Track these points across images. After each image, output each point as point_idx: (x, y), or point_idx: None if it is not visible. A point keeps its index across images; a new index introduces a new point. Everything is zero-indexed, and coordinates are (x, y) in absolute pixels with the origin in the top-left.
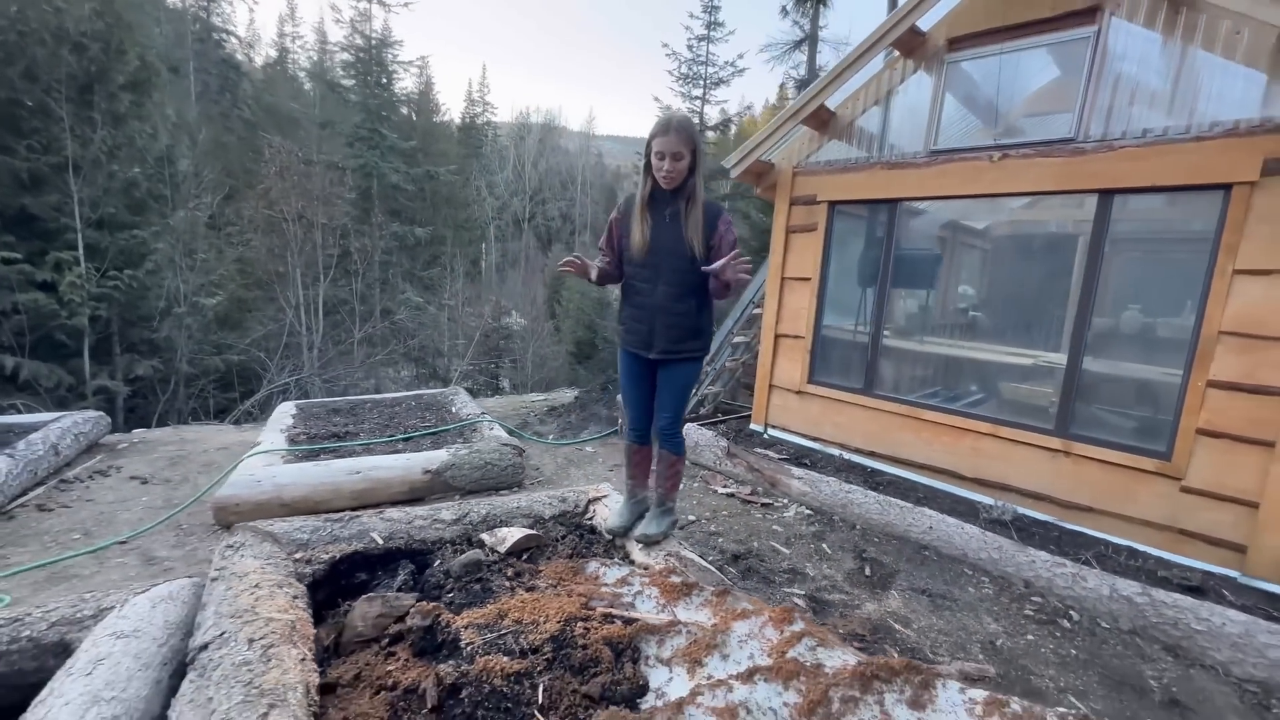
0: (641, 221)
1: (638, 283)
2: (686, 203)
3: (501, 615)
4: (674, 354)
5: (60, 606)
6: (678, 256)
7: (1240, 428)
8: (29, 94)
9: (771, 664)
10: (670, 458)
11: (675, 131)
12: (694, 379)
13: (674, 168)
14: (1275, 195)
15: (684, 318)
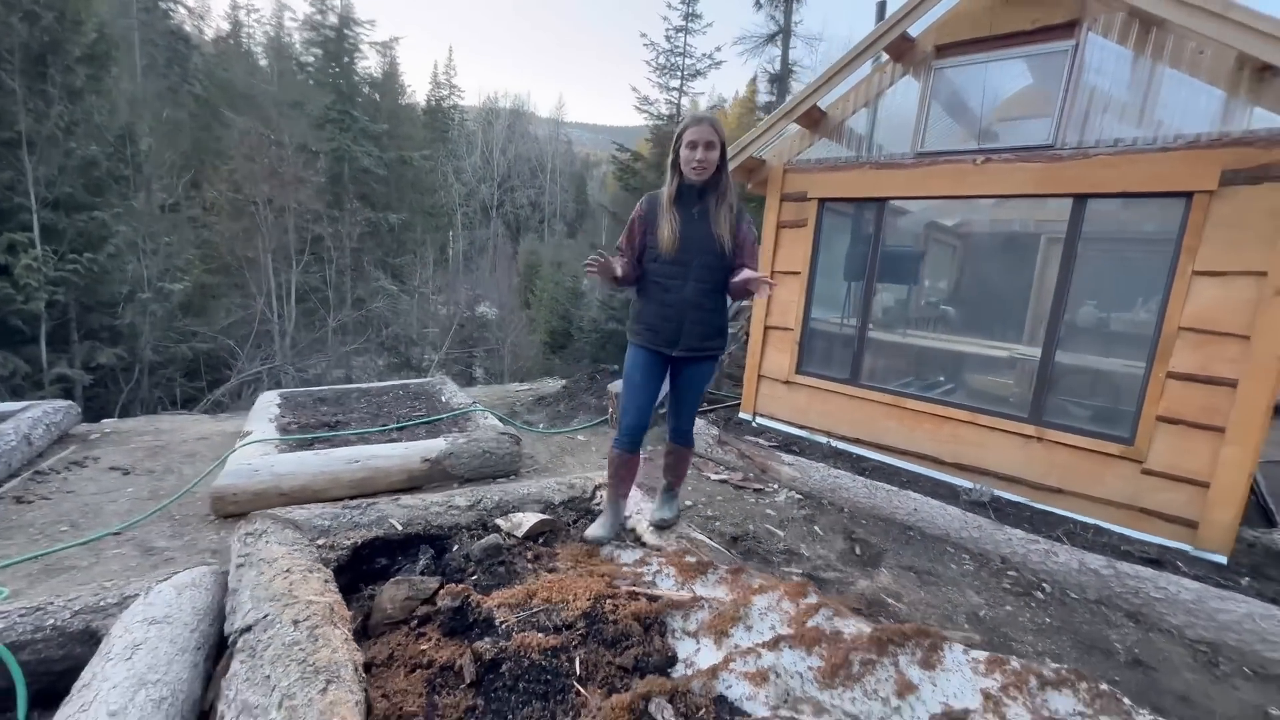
0: (670, 218)
1: (664, 280)
2: (716, 198)
3: (531, 595)
4: (698, 352)
5: (82, 595)
6: (707, 253)
7: (1195, 415)
8: None
9: (794, 633)
10: (684, 452)
11: (708, 122)
12: (713, 376)
13: (706, 157)
14: (1231, 203)
15: (712, 314)
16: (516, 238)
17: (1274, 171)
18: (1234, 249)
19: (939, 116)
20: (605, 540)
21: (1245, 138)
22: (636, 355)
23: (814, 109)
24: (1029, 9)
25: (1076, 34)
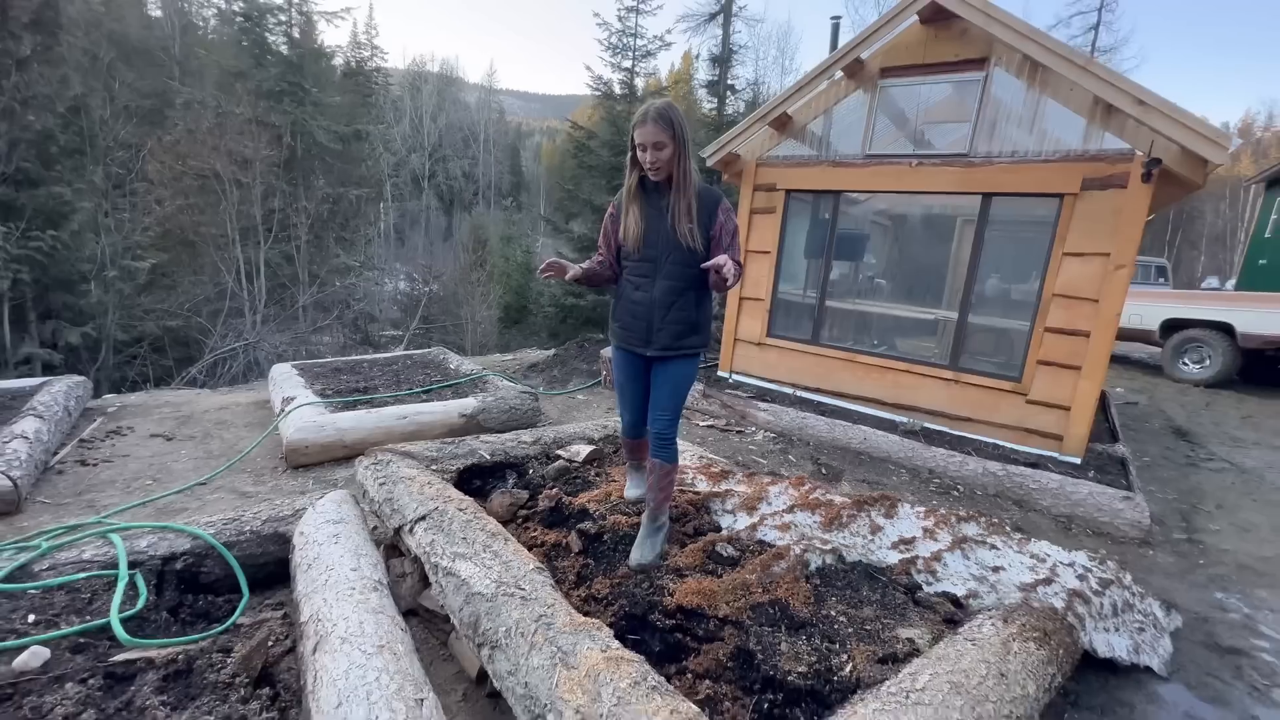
0: (630, 214)
1: (635, 278)
2: (678, 195)
3: (608, 495)
4: (673, 350)
5: (263, 510)
6: (675, 249)
7: (1062, 358)
8: None
9: (801, 502)
10: (663, 467)
11: (653, 121)
12: (693, 377)
13: (656, 158)
14: (1089, 202)
15: (684, 312)
16: (450, 210)
17: (1115, 181)
18: (1089, 236)
19: (884, 125)
20: (642, 498)
21: (1098, 155)
22: (616, 357)
23: (783, 115)
24: (952, 45)
25: (986, 67)
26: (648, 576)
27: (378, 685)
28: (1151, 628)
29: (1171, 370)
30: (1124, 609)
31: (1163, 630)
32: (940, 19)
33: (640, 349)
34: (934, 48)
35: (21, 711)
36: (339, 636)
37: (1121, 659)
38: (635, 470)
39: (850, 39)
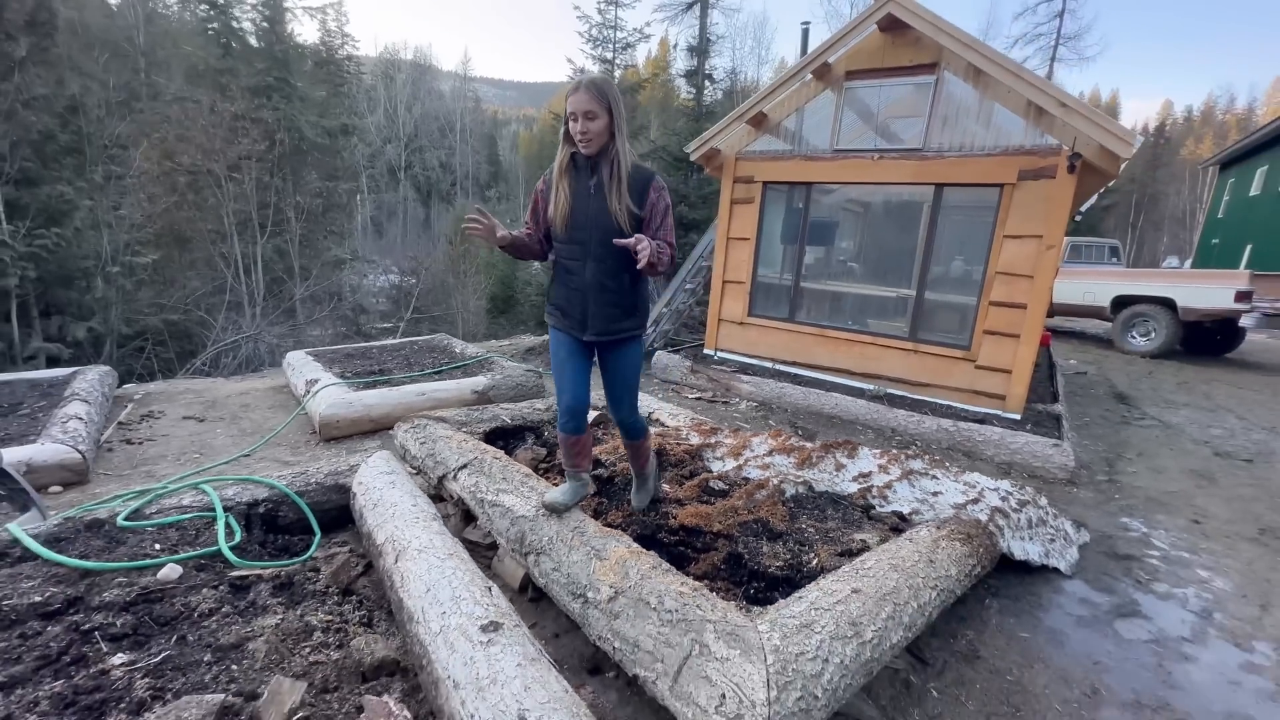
0: (559, 192)
1: (566, 260)
2: (610, 172)
3: (615, 449)
4: (611, 335)
5: (324, 466)
6: (605, 230)
7: (1004, 328)
8: None
9: (779, 448)
10: (635, 445)
11: (585, 89)
12: (640, 359)
13: (587, 128)
14: (1024, 192)
15: (618, 295)
16: (427, 201)
17: (1046, 172)
18: (1025, 221)
19: (850, 122)
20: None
21: (1032, 149)
22: (554, 336)
23: (759, 113)
24: (908, 51)
25: (937, 71)
26: (654, 506)
27: (455, 576)
28: (1062, 539)
29: (1121, 343)
30: (1038, 524)
31: (1071, 542)
32: (897, 28)
33: (577, 333)
34: (892, 53)
35: (175, 605)
36: (416, 549)
37: (1034, 561)
38: (572, 471)
39: (818, 45)
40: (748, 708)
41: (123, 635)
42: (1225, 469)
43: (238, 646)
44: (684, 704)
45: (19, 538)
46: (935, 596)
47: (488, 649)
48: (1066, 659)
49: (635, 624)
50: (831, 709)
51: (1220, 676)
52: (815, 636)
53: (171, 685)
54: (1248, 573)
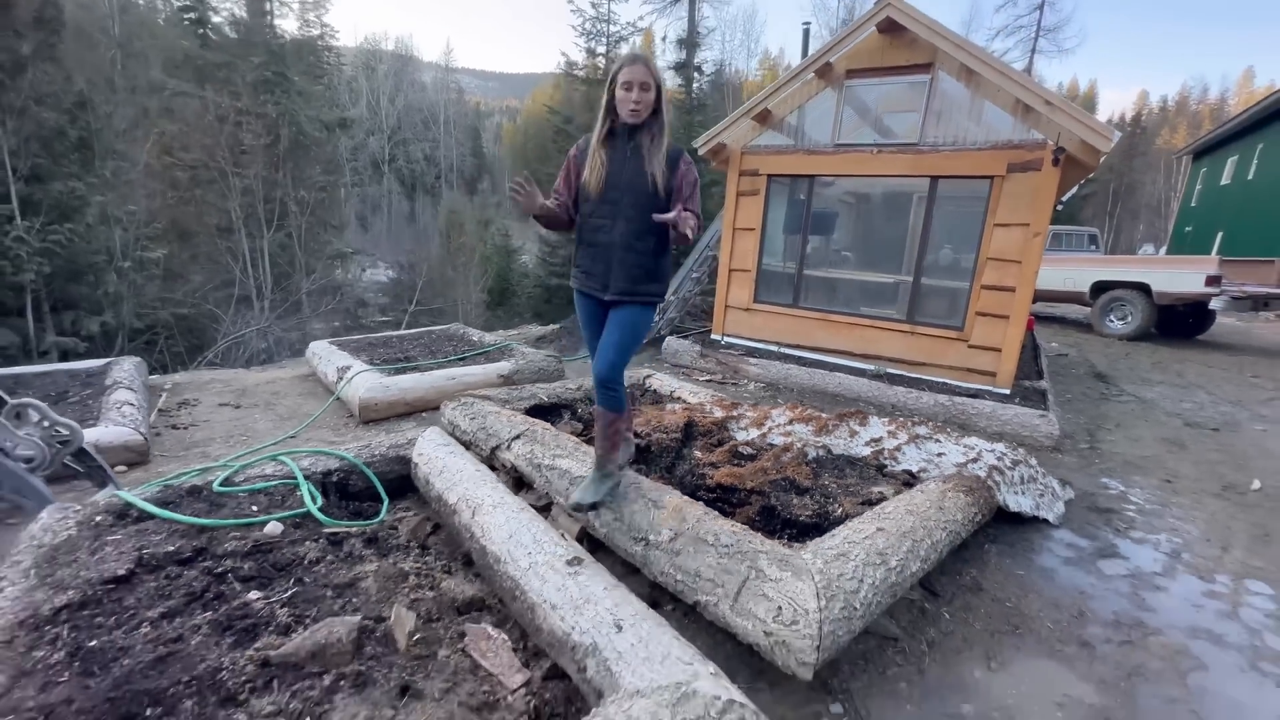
0: (597, 157)
1: (595, 219)
2: (651, 139)
3: (648, 421)
4: (630, 295)
5: (385, 440)
6: (638, 192)
7: (995, 309)
8: None
9: (798, 418)
10: (605, 415)
11: (643, 63)
12: (644, 325)
13: (642, 98)
14: (1013, 183)
15: (643, 257)
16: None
17: (1033, 165)
18: (1014, 210)
19: (850, 118)
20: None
21: (1020, 144)
22: (579, 302)
23: (764, 110)
24: (904, 51)
25: (932, 71)
26: (691, 470)
27: (531, 525)
28: (1050, 495)
29: (1100, 327)
30: (1029, 480)
31: (1058, 497)
32: (894, 30)
33: (599, 293)
34: (890, 54)
35: (286, 555)
36: (490, 505)
37: (1026, 512)
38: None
39: (821, 46)
40: (802, 614)
41: (250, 577)
42: (1194, 437)
43: (351, 585)
44: (745, 619)
45: (133, 501)
46: (945, 536)
47: (575, 578)
48: (1056, 590)
49: (695, 558)
50: (866, 621)
51: (1185, 601)
52: (850, 563)
53: (307, 613)
54: (1211, 522)
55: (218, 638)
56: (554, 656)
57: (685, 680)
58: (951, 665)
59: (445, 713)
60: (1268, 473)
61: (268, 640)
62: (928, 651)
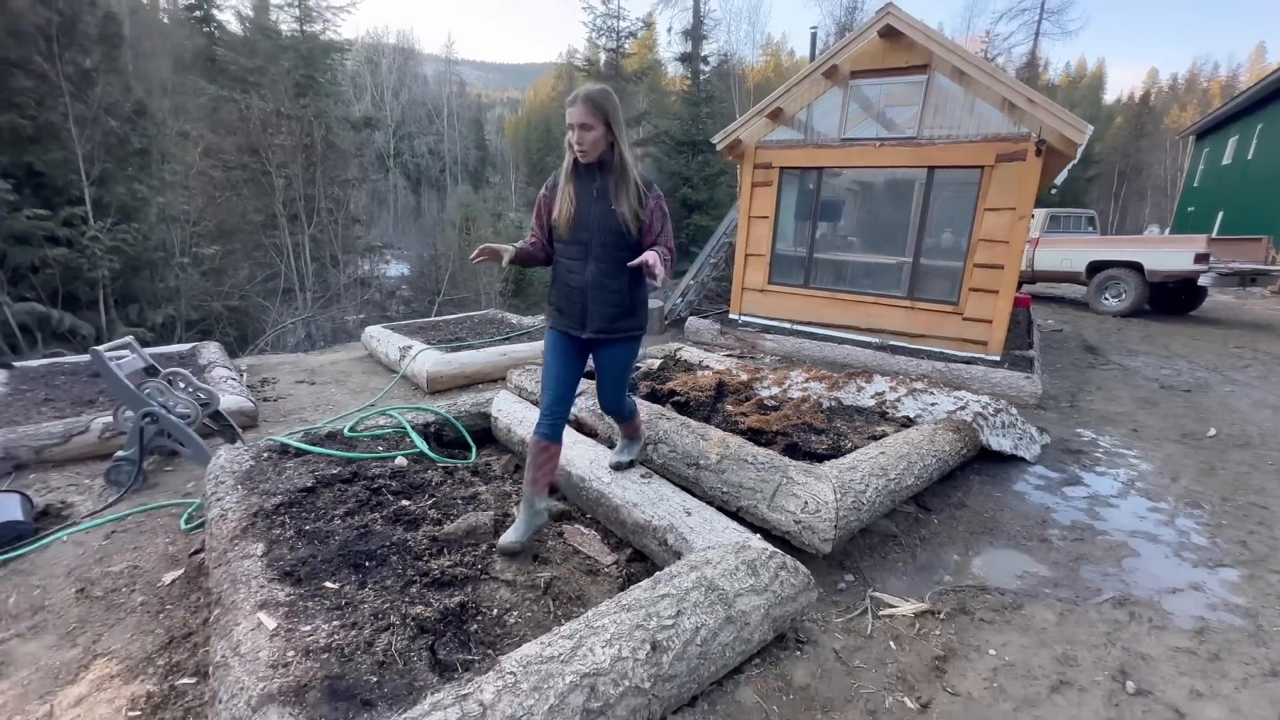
0: (564, 195)
1: (567, 260)
2: (616, 177)
3: (684, 383)
4: (609, 334)
5: (469, 399)
6: (607, 231)
7: (986, 285)
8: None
9: (813, 378)
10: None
11: (581, 102)
12: (633, 358)
13: (583, 138)
14: (1001, 172)
15: (618, 295)
16: (417, 189)
17: (1018, 155)
18: (1002, 195)
19: (855, 114)
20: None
21: (1007, 137)
22: (550, 337)
23: (777, 108)
24: (903, 54)
25: (928, 72)
26: (724, 419)
27: (605, 456)
28: (1028, 439)
29: (1095, 305)
30: (1009, 425)
31: (1035, 441)
32: (894, 35)
33: (576, 331)
34: (890, 56)
35: (417, 478)
36: (569, 443)
37: (1006, 450)
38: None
39: (828, 50)
40: (823, 504)
41: (397, 491)
42: (1167, 397)
43: (473, 498)
44: (778, 514)
45: (289, 443)
46: (935, 462)
47: (650, 483)
48: (1027, 506)
49: (738, 474)
50: (871, 515)
51: (1132, 514)
52: (858, 473)
53: (450, 513)
54: (1167, 460)
55: (392, 526)
56: (636, 540)
57: (741, 541)
58: (937, 553)
59: (567, 571)
60: (1225, 423)
61: (427, 529)
62: (919, 545)
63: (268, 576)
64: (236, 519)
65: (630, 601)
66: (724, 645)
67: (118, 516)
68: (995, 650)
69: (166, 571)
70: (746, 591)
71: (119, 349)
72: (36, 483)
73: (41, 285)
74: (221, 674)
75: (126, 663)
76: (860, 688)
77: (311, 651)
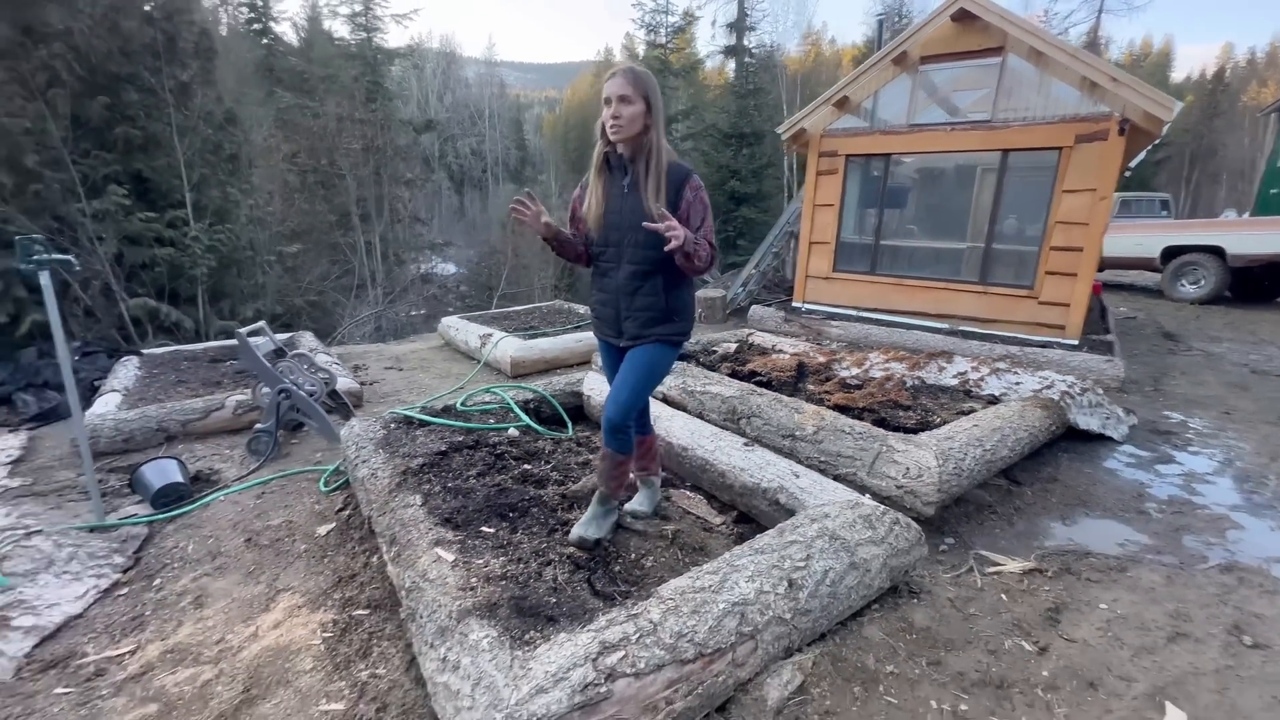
0: (594, 192)
1: (601, 263)
2: (645, 166)
3: (765, 364)
4: (643, 340)
5: (562, 380)
6: (639, 230)
7: (1063, 268)
8: (124, 66)
9: (893, 358)
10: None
11: (622, 74)
12: (663, 366)
13: (620, 111)
14: (1080, 153)
15: (652, 299)
16: (460, 189)
17: (1099, 136)
18: (1081, 177)
19: (924, 100)
20: (591, 543)
21: (1087, 117)
22: (600, 347)
23: (843, 97)
24: (975, 37)
25: (1003, 54)
26: (809, 397)
27: (702, 427)
28: (1115, 419)
29: (1170, 291)
30: (1096, 405)
31: (1121, 421)
32: (967, 19)
33: (613, 339)
34: (962, 39)
35: (529, 447)
36: (666, 416)
37: (1093, 429)
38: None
39: (897, 38)
40: (926, 470)
41: (517, 457)
42: (1258, 382)
43: (585, 464)
44: (879, 480)
45: (412, 414)
46: (1026, 436)
47: (752, 451)
48: (1120, 482)
49: (836, 443)
50: (969, 482)
51: (1231, 490)
52: (956, 442)
53: (569, 475)
54: (1263, 442)
55: (522, 485)
56: (743, 503)
57: (854, 499)
58: (1034, 521)
59: (686, 526)
60: None
61: (553, 488)
62: (1015, 514)
63: (432, 521)
64: (388, 475)
65: (762, 545)
66: (849, 588)
67: (262, 481)
68: (1106, 605)
69: (319, 525)
70: (865, 542)
71: (255, 333)
72: (184, 452)
73: (150, 282)
74: (416, 595)
75: (307, 596)
76: (979, 631)
77: (490, 579)
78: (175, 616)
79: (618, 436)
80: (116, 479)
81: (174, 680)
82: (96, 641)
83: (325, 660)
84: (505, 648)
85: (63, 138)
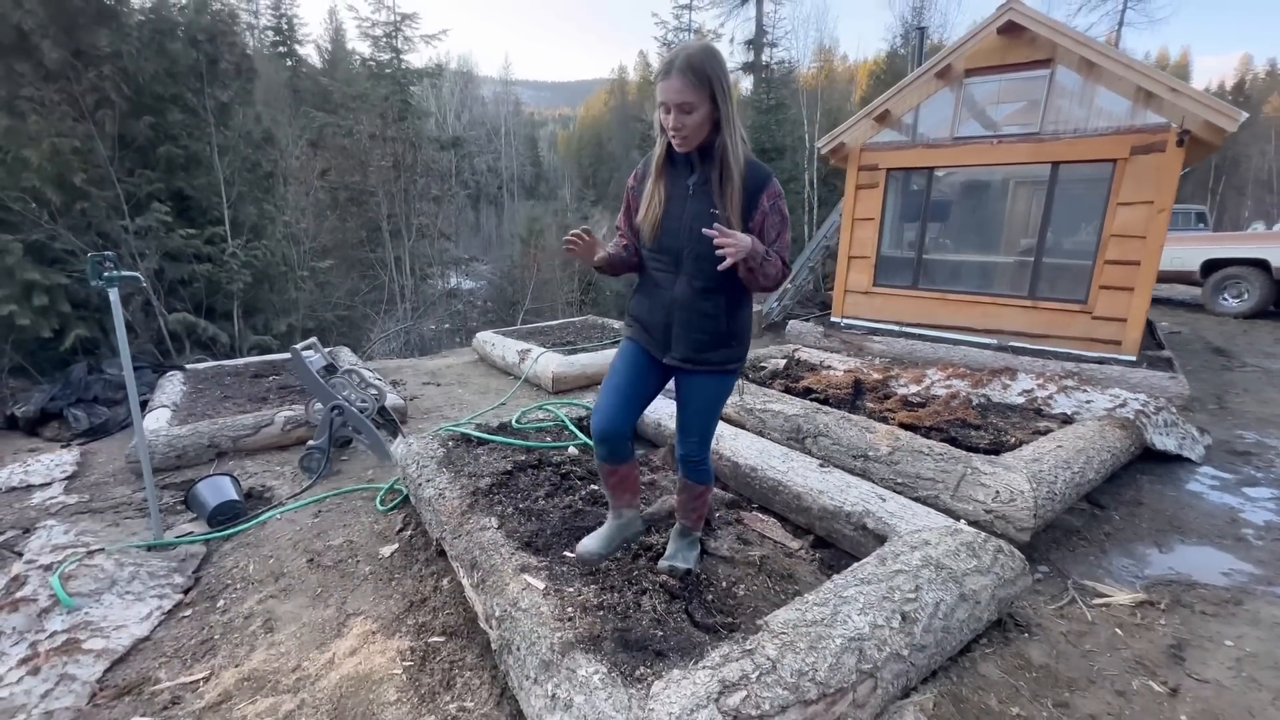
0: (655, 193)
1: (654, 271)
2: (719, 169)
3: (819, 381)
4: (696, 364)
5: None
6: (703, 241)
7: (1119, 282)
8: (169, 87)
9: (953, 374)
10: (694, 488)
11: (678, 73)
12: (725, 397)
13: (682, 122)
14: (1135, 165)
15: (711, 320)
16: (476, 205)
17: (1156, 147)
18: (1137, 189)
19: (968, 113)
20: (597, 558)
21: (1142, 128)
22: (623, 347)
23: (885, 111)
24: (1023, 49)
25: (1051, 65)
26: (869, 416)
27: (770, 446)
28: (1190, 439)
29: (1212, 305)
30: (1171, 425)
31: (1197, 441)
32: (1014, 31)
33: (657, 353)
34: (1009, 52)
35: (590, 465)
36: (729, 435)
37: (1170, 450)
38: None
39: (940, 52)
40: (1019, 494)
41: (583, 477)
42: None
43: (651, 484)
44: (965, 504)
45: (468, 432)
46: (1108, 458)
47: (829, 473)
48: (1208, 506)
49: (914, 465)
50: (1061, 506)
51: None
52: (1044, 465)
53: (652, 496)
54: None
55: (593, 506)
56: (822, 526)
57: (952, 525)
58: (1127, 547)
59: (769, 552)
60: None
61: None
62: (1105, 539)
63: (512, 546)
64: (457, 496)
65: (867, 575)
66: (961, 621)
67: (316, 499)
68: (1231, 642)
69: (381, 546)
70: (972, 572)
71: (308, 348)
72: (235, 468)
73: (189, 297)
74: (510, 625)
75: (380, 621)
76: (1100, 670)
77: (587, 609)
78: (246, 641)
79: (698, 469)
80: (170, 495)
81: (255, 711)
82: (168, 666)
83: (409, 691)
84: (618, 685)
85: (109, 156)
